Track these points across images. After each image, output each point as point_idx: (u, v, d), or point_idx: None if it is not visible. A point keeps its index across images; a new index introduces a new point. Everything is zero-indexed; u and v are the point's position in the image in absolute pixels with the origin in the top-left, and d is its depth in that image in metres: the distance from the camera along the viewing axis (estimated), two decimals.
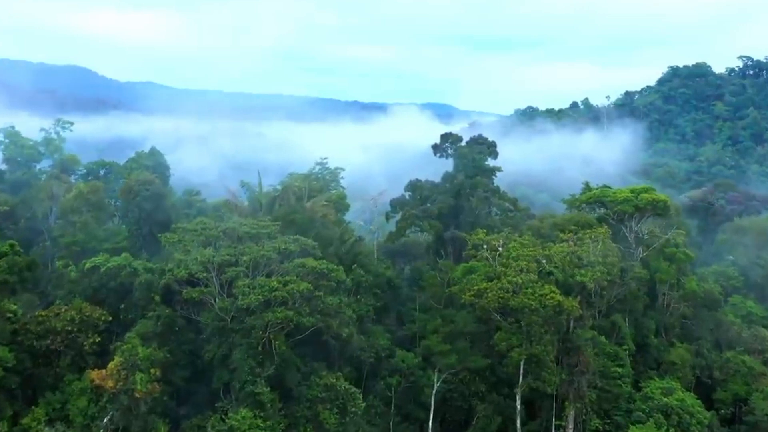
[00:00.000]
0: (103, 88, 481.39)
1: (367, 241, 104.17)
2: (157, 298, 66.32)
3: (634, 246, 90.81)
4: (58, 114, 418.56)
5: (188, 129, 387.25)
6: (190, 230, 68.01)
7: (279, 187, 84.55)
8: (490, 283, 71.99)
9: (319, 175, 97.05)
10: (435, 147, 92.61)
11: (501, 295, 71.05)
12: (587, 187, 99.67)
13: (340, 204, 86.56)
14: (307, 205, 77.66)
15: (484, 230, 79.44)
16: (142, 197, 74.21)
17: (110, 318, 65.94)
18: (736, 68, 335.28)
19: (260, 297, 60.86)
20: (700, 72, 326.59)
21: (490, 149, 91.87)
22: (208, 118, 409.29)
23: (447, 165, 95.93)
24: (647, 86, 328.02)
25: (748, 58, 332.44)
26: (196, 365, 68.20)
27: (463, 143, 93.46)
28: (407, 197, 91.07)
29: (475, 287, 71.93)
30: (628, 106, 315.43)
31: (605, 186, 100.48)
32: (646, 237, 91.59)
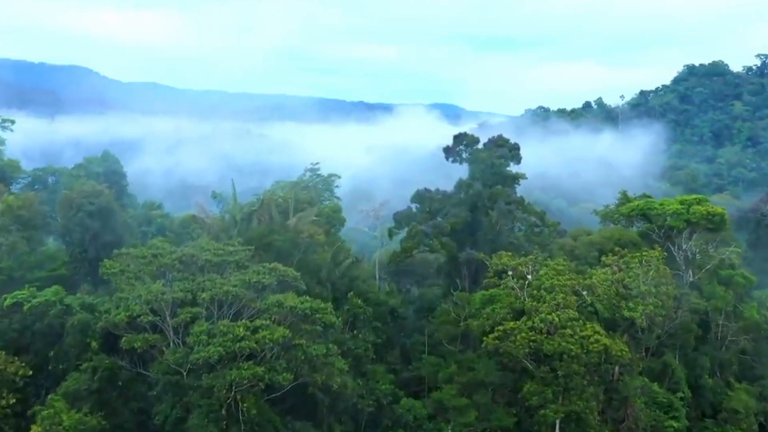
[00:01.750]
0: (105, 88, 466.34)
1: (371, 248, 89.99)
2: (94, 344, 50.89)
3: (683, 268, 74.97)
4: (57, 114, 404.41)
5: (190, 130, 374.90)
6: (137, 257, 52.51)
7: (262, 197, 68.72)
8: (518, 323, 56.45)
9: (310, 184, 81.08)
10: (447, 150, 76.76)
11: (532, 338, 55.58)
12: (625, 197, 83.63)
13: (335, 218, 70.92)
14: (289, 223, 62.03)
15: (509, 253, 63.74)
16: (85, 213, 58.61)
17: (30, 372, 50.52)
18: (754, 67, 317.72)
19: (221, 349, 45.42)
20: (717, 71, 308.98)
21: (512, 152, 76.01)
22: (211, 119, 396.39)
23: (460, 170, 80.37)
24: (663, 85, 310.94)
25: (767, 56, 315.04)
26: (147, 427, 52.77)
27: (480, 145, 77.67)
28: (414, 210, 75.32)
29: (500, 328, 56.38)
30: (643, 105, 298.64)
31: (646, 195, 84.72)
32: (698, 257, 75.71)
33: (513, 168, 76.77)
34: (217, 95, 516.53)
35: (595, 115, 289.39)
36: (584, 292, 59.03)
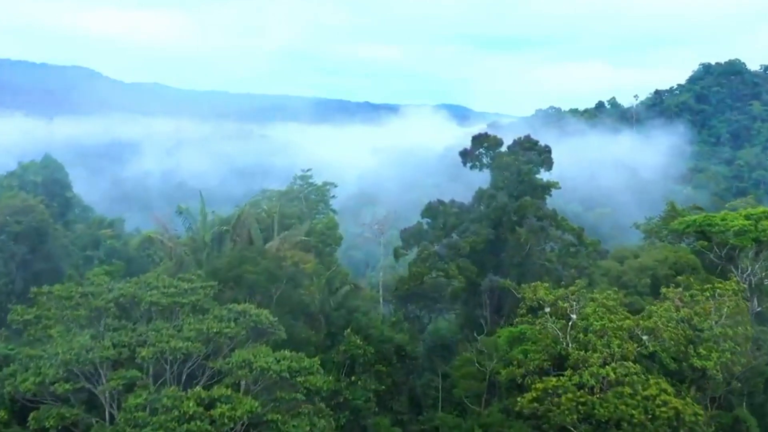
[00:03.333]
0: (107, 89, 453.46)
1: (378, 256, 77.28)
2: (2, 413, 37.58)
3: (748, 295, 61.34)
4: (58, 115, 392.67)
5: (192, 131, 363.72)
6: (61, 298, 39.10)
7: (239, 212, 54.91)
8: (561, 379, 43.00)
9: (300, 194, 67.18)
10: (465, 154, 63.37)
11: (581, 398, 42.15)
12: (672, 208, 70.03)
13: (330, 236, 57.52)
14: (270, 246, 48.68)
15: (545, 284, 50.23)
16: (10, 235, 45.36)
17: None
18: None
19: None
20: (734, 70, 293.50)
21: (543, 157, 62.74)
22: (213, 120, 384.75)
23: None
24: (678, 85, 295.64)
25: None
26: None
27: (503, 148, 64.39)
28: (425, 226, 62.06)
29: (539, 385, 42.96)
30: (658, 105, 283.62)
31: (696, 207, 71.39)
32: (766, 282, 62.11)
33: (543, 175, 63.69)
34: (219, 96, 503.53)
35: (609, 115, 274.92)
36: (645, 337, 45.46)
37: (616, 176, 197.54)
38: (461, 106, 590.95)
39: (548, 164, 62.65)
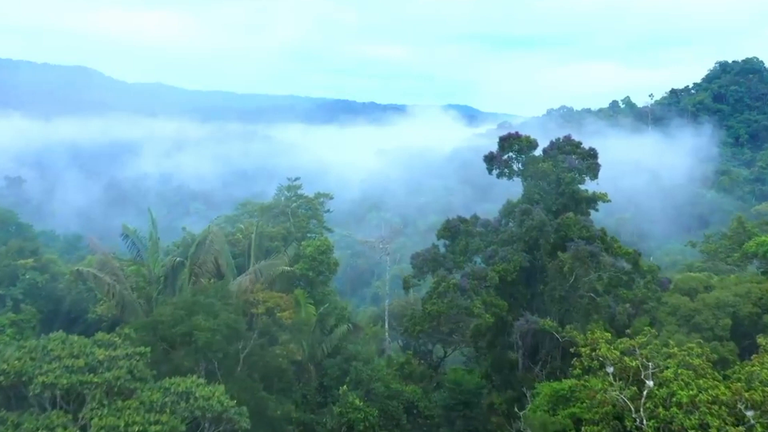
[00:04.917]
0: (109, 89, 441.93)
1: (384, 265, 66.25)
2: None
3: None
4: (59, 116, 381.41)
5: (196, 132, 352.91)
6: None
7: (204, 234, 41.83)
8: None
9: (287, 209, 54.05)
10: (491, 159, 50.29)
11: None
12: (739, 224, 57.04)
13: (323, 263, 44.60)
14: (238, 284, 35.95)
15: (606, 334, 37.18)
16: None
17: None
18: None
19: None
20: (751, 68, 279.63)
21: (588, 162, 49.86)
22: (218, 121, 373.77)
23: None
24: (694, 83, 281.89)
25: None
26: None
27: (538, 151, 51.58)
28: (441, 249, 49.21)
29: None
30: (674, 105, 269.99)
31: (767, 222, 58.31)
32: None
33: (588, 184, 50.99)
34: (224, 96, 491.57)
35: (625, 115, 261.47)
36: (749, 413, 32.47)
37: (635, 178, 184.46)
38: (468, 106, 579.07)
39: (594, 171, 49.84)
